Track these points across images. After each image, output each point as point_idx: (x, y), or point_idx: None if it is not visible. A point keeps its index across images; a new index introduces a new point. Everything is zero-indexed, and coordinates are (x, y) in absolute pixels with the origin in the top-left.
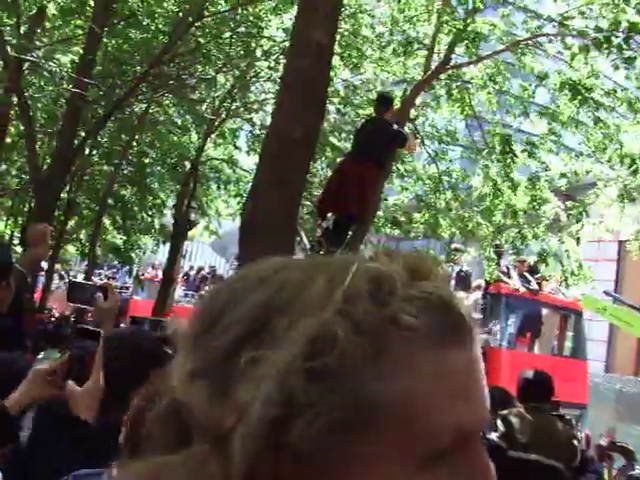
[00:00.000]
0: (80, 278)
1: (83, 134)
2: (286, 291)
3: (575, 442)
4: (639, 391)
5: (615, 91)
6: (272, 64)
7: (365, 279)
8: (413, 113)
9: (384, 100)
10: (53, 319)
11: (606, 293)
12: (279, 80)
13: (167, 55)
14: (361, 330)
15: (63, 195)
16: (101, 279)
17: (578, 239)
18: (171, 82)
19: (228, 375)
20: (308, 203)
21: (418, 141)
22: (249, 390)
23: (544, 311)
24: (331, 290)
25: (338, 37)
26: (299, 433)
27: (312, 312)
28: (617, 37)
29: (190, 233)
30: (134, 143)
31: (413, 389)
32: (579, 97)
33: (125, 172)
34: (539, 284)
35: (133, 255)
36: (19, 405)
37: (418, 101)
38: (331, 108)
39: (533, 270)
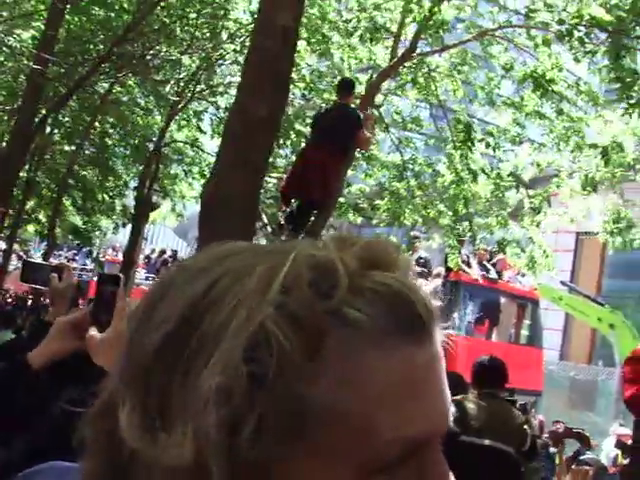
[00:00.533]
0: (39, 259)
1: (44, 112)
2: (223, 282)
3: (526, 428)
4: (592, 379)
5: (578, 84)
6: (238, 47)
7: (306, 267)
8: (378, 100)
9: (346, 85)
10: (10, 300)
11: (563, 283)
12: (244, 61)
13: (131, 34)
14: (298, 326)
15: (22, 174)
16: (60, 260)
17: (538, 226)
18: (134, 62)
19: (159, 392)
20: (271, 187)
21: (373, 129)
22: (189, 413)
23: (502, 300)
24: (270, 280)
25: (305, 21)
26: (246, 442)
27: (248, 306)
28: (579, 31)
29: (152, 216)
30: (96, 123)
31: (353, 396)
32: (541, 89)
33: (87, 152)
34: (498, 273)
35: (93, 237)
36: (42, 360)
37: (384, 88)
38: (296, 93)
39: (492, 259)
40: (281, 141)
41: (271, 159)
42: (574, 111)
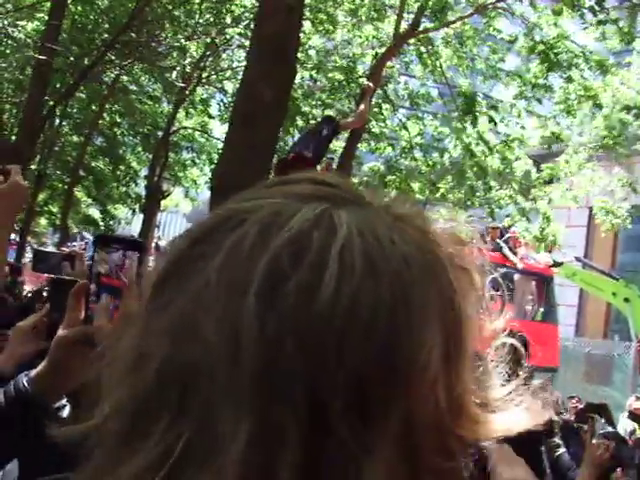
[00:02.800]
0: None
1: (52, 103)
2: (216, 261)
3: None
4: (608, 353)
5: (584, 53)
6: (243, 31)
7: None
8: (384, 79)
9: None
10: (26, 292)
11: (577, 259)
12: (249, 44)
13: (135, 22)
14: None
15: (33, 166)
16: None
17: (550, 202)
18: (140, 49)
19: None
20: None
21: (369, 101)
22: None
23: (516, 277)
24: (259, 252)
25: (309, 1)
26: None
27: (235, 294)
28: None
29: (164, 203)
30: (104, 113)
31: None
32: (549, 62)
33: (96, 143)
34: (512, 250)
35: (110, 226)
36: (9, 367)
37: (391, 69)
38: (305, 75)
39: (504, 236)
40: (289, 123)
41: (281, 142)
42: (582, 80)
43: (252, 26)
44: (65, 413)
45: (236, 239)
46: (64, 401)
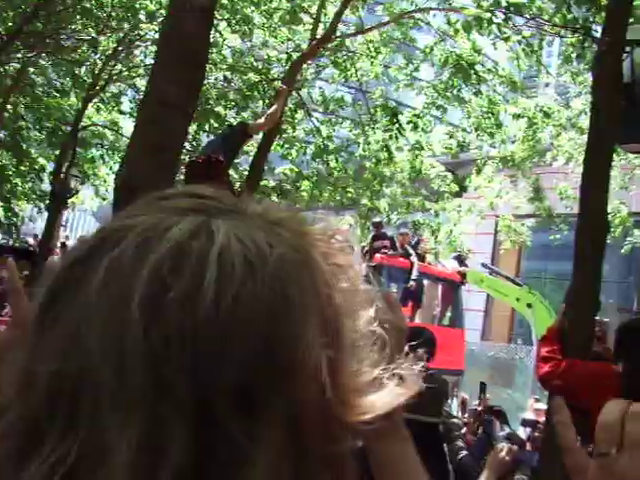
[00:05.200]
0: None
1: None
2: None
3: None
4: (511, 357)
5: (496, 69)
6: (157, 27)
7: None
8: (298, 82)
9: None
10: None
11: (483, 265)
12: (158, 42)
13: (42, 12)
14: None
15: None
16: None
17: (459, 212)
18: (48, 41)
19: None
20: None
21: (283, 103)
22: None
23: (425, 282)
24: (139, 265)
25: (225, 2)
26: None
27: (117, 307)
28: (497, 17)
29: (72, 201)
30: (9, 106)
31: None
32: (463, 72)
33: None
34: (420, 256)
35: (13, 224)
36: None
37: (306, 74)
38: (219, 77)
39: (414, 242)
40: (202, 124)
41: (194, 143)
42: (492, 94)
43: None
44: None
45: (115, 256)
46: None
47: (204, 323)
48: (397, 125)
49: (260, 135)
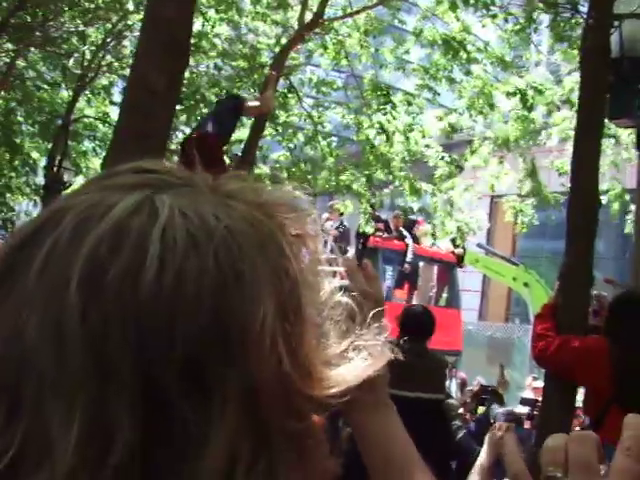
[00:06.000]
0: None
1: None
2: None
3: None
4: (508, 336)
5: (486, 48)
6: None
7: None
8: (288, 68)
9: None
10: None
11: (479, 245)
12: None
13: (28, 3)
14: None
15: None
16: None
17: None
18: (37, 33)
19: None
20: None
21: (274, 88)
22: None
23: (420, 264)
24: (78, 245)
25: None
26: None
27: (56, 291)
28: None
29: (65, 194)
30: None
31: None
32: (452, 51)
33: None
34: (415, 238)
35: (7, 219)
36: None
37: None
38: (210, 64)
39: (409, 224)
40: (193, 111)
41: (186, 129)
42: (483, 75)
43: None
44: None
45: (54, 238)
46: None
47: (146, 300)
48: (390, 105)
49: (251, 120)
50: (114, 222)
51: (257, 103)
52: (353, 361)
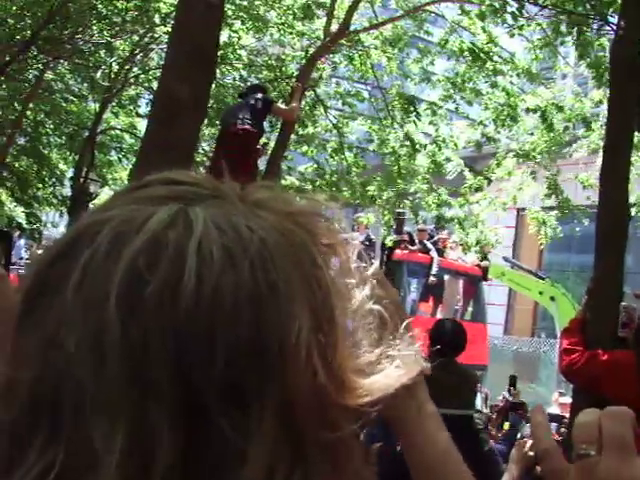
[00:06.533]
0: None
1: None
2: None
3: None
4: (534, 351)
5: (512, 60)
6: (171, 29)
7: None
8: (314, 80)
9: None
10: None
11: (505, 259)
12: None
13: (57, 17)
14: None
15: None
16: None
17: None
18: (67, 46)
19: None
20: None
21: (300, 99)
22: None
23: (446, 277)
24: (115, 261)
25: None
26: None
27: (94, 306)
28: (511, 5)
29: (92, 205)
30: (28, 112)
31: None
32: (479, 61)
33: (20, 143)
34: (440, 251)
35: (36, 229)
36: None
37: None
38: (235, 76)
39: (432, 237)
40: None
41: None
42: (509, 86)
43: None
44: None
45: (91, 252)
46: None
47: (185, 316)
48: (415, 114)
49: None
50: (151, 235)
51: (284, 107)
52: (386, 370)
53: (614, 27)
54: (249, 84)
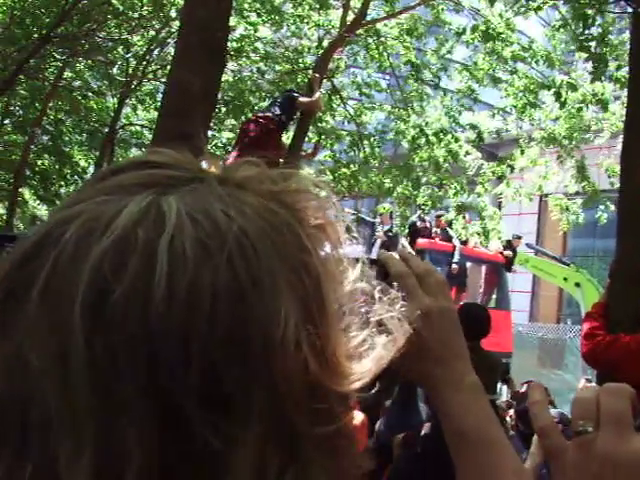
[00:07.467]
0: None
1: None
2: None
3: None
4: (560, 337)
5: (531, 46)
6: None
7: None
8: (331, 71)
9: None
10: None
11: (528, 245)
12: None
13: (73, 13)
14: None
15: None
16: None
17: (500, 198)
18: (84, 42)
19: None
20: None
21: (319, 88)
22: None
23: (468, 264)
24: (80, 263)
25: None
26: None
27: (58, 316)
28: None
29: None
30: (49, 110)
31: None
32: (493, 43)
33: (40, 141)
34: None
35: None
36: None
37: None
38: (253, 68)
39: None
40: (238, 115)
41: (232, 134)
42: (529, 73)
43: None
44: None
45: (56, 255)
46: None
47: (156, 322)
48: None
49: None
50: (118, 234)
51: (306, 99)
52: (374, 347)
53: (634, 6)
54: (266, 77)
